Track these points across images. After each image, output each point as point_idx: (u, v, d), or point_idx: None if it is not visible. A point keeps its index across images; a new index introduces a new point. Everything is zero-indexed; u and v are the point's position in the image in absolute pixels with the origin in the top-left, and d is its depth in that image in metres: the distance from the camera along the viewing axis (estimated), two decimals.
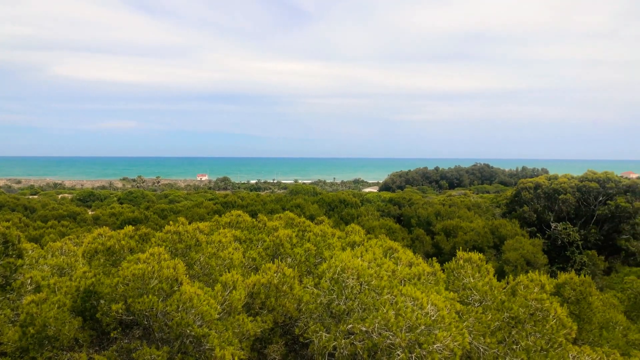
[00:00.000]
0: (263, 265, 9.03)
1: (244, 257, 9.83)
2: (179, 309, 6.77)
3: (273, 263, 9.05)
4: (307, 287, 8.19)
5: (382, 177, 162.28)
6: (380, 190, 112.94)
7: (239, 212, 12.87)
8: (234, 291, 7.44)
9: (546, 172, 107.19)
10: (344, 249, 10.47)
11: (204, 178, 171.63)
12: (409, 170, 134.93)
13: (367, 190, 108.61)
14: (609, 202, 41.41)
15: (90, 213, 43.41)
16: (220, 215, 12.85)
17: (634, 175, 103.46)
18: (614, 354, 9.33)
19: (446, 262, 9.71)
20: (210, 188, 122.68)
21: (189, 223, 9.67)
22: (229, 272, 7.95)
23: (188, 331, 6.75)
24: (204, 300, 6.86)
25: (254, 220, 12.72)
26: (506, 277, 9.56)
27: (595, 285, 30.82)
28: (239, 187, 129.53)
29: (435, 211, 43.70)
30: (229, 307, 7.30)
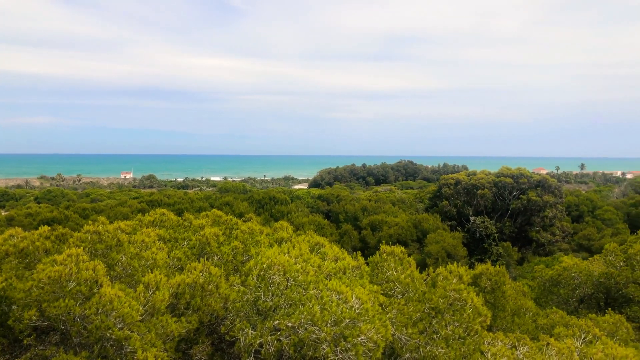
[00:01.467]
0: (188, 265, 8.85)
1: (168, 257, 9.59)
2: (99, 312, 6.52)
3: (199, 262, 8.90)
4: (234, 285, 8.15)
5: (312, 174, 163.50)
6: (310, 187, 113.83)
7: (164, 210, 12.53)
8: (157, 292, 7.26)
9: (466, 168, 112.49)
10: (271, 246, 10.47)
11: (128, 176, 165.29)
12: (338, 167, 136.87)
13: (297, 187, 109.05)
14: (522, 196, 44.13)
15: (3, 214, 40.57)
16: (144, 214, 12.45)
17: (544, 171, 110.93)
18: (524, 339, 9.97)
19: (371, 256, 9.97)
20: (135, 186, 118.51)
21: (112, 222, 9.30)
22: (152, 272, 7.74)
23: (108, 334, 6.52)
24: (125, 302, 6.65)
25: (180, 218, 12.44)
26: (427, 269, 9.94)
27: (509, 275, 32.86)
28: (165, 186, 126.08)
29: (362, 207, 44.62)
30: (152, 309, 7.12)
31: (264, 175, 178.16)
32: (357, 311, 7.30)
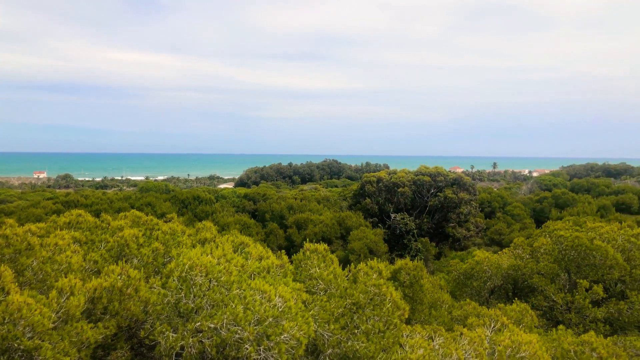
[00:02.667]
0: (106, 268, 8.54)
1: (84, 261, 9.20)
2: (5, 321, 6.15)
3: (117, 265, 8.61)
4: (154, 288, 7.96)
5: (238, 173, 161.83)
6: (235, 186, 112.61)
7: (80, 211, 11.98)
8: (71, 297, 6.96)
9: (387, 167, 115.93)
10: (194, 247, 10.32)
11: (42, 176, 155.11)
12: (264, 166, 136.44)
13: (222, 186, 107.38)
14: (439, 193, 46.16)
15: None
16: (59, 216, 11.81)
17: (459, 170, 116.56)
18: (440, 330, 10.48)
19: (295, 254, 10.08)
20: (49, 186, 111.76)
21: (23, 225, 8.77)
22: (66, 277, 7.40)
23: (16, 345, 6.17)
24: (35, 310, 6.32)
25: (97, 220, 11.94)
26: (349, 265, 10.20)
27: (427, 269, 34.28)
28: (83, 186, 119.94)
29: (288, 205, 44.74)
30: (66, 315, 6.81)
31: (188, 175, 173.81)
32: (280, 309, 7.38)
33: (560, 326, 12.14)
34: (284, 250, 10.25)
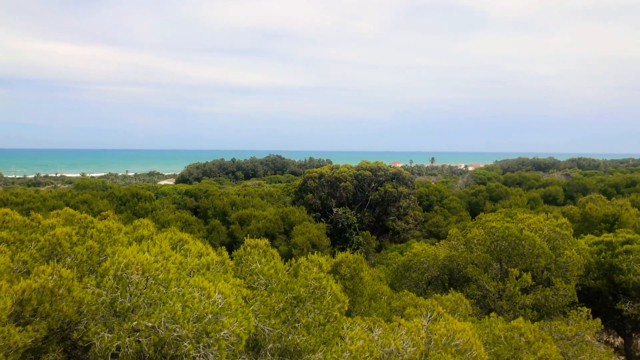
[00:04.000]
0: (36, 268, 8.18)
1: (12, 261, 8.77)
2: None
3: (48, 265, 8.27)
4: (89, 287, 7.72)
5: (179, 169, 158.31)
6: (177, 182, 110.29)
7: (7, 210, 11.39)
8: None
9: (330, 162, 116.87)
10: (130, 245, 10.05)
11: None
12: (207, 162, 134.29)
13: (163, 183, 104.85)
14: (379, 188, 47.12)
15: None
16: None
17: (399, 165, 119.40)
18: (380, 321, 10.76)
19: (235, 250, 10.04)
20: None
21: None
22: None
23: None
24: None
25: (26, 218, 11.40)
26: (290, 260, 10.27)
27: (369, 262, 34.87)
28: (13, 183, 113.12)
29: (231, 201, 44.29)
30: None
31: (127, 171, 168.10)
32: (220, 306, 7.35)
33: (493, 313, 12.73)
34: (224, 247, 10.18)
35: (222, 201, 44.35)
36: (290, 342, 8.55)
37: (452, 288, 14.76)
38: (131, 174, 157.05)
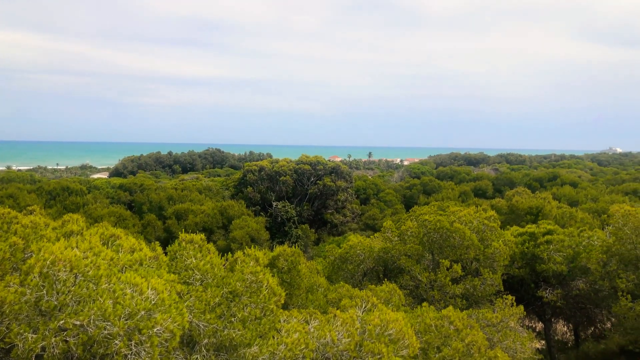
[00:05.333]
0: None
1: None
2: None
3: None
4: (11, 286, 7.36)
5: (113, 162, 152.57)
6: (110, 176, 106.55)
7: None
8: None
9: (270, 156, 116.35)
10: (59, 240, 9.66)
11: None
12: (142, 155, 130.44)
13: (96, 176, 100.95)
14: (318, 182, 47.54)
15: None
16: None
17: (338, 159, 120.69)
18: (316, 313, 10.91)
19: (170, 245, 9.87)
20: None
21: None
22: None
23: None
24: None
25: None
26: (227, 254, 10.21)
27: (307, 255, 35.09)
28: None
29: (168, 196, 43.34)
30: None
31: (57, 164, 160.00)
32: (153, 302, 7.23)
33: (425, 303, 13.20)
34: (158, 242, 10.00)
35: (159, 195, 43.25)
36: (226, 336, 8.54)
37: (386, 279, 15.18)
38: (62, 167, 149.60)
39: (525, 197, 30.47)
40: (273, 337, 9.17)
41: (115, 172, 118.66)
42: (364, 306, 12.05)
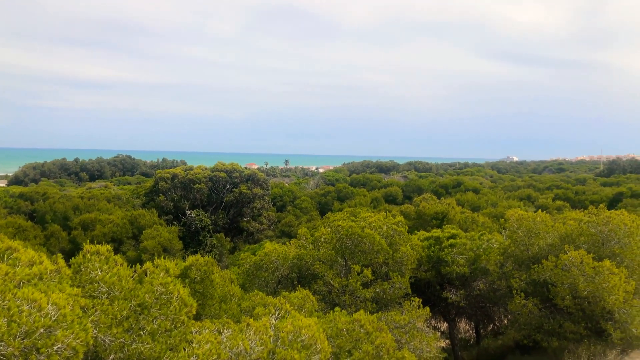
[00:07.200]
0: None
1: None
2: None
3: None
4: None
5: (12, 169, 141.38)
6: (9, 184, 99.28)
7: None
8: None
9: (185, 163, 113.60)
10: None
11: None
12: (46, 162, 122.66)
13: None
14: (234, 189, 47.11)
15: None
16: None
17: (255, 166, 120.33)
18: (229, 322, 10.86)
19: (73, 257, 9.44)
20: None
21: None
22: None
23: None
24: None
25: None
26: (135, 265, 9.92)
27: (222, 264, 34.61)
28: None
29: (74, 205, 41.35)
30: None
31: None
32: (53, 318, 6.92)
33: (337, 308, 13.53)
34: (60, 254, 9.52)
35: (63, 205, 40.93)
36: (134, 351, 8.31)
37: (300, 285, 15.40)
38: None
39: (431, 203, 32.08)
40: (184, 349, 9.04)
41: (15, 180, 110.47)
42: (277, 313, 12.15)
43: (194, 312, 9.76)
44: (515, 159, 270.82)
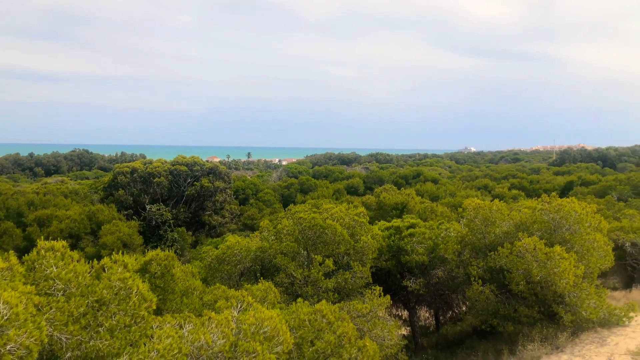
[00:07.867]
0: None
1: None
2: None
3: None
4: None
5: None
6: None
7: None
8: None
9: (144, 157, 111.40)
10: None
11: None
12: None
13: None
14: (195, 183, 46.55)
15: None
16: None
17: (217, 160, 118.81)
18: (191, 317, 10.80)
19: (26, 254, 9.19)
20: None
21: None
22: None
23: None
24: None
25: None
26: (92, 261, 9.74)
27: (184, 258, 34.25)
28: None
29: (28, 201, 40.15)
30: None
31: None
32: (5, 317, 6.75)
33: (299, 299, 13.64)
34: (12, 251, 9.25)
35: (17, 201, 39.61)
36: (92, 348, 8.18)
37: (262, 278, 15.42)
38: None
39: (392, 194, 32.55)
40: (144, 345, 8.95)
41: None
42: (239, 306, 12.15)
43: (154, 307, 9.66)
44: (473, 149, 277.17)
